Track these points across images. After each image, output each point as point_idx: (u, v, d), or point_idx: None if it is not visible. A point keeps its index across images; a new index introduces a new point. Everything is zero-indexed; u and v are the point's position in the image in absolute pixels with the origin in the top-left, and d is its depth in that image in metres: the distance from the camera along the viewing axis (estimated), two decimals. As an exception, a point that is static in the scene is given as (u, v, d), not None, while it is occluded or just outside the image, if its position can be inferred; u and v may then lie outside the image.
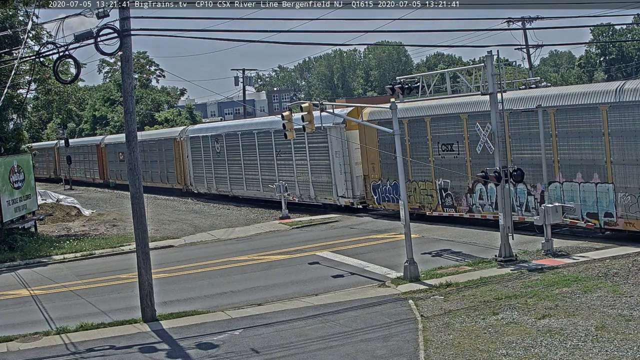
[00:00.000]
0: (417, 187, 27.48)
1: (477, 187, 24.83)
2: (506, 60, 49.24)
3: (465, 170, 24.83)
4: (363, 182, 30.55)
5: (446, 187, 26.14)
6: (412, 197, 27.42)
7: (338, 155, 30.84)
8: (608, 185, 20.75)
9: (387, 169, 28.73)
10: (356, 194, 30.73)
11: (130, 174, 16.94)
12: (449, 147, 25.59)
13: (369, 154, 29.63)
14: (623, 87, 20.20)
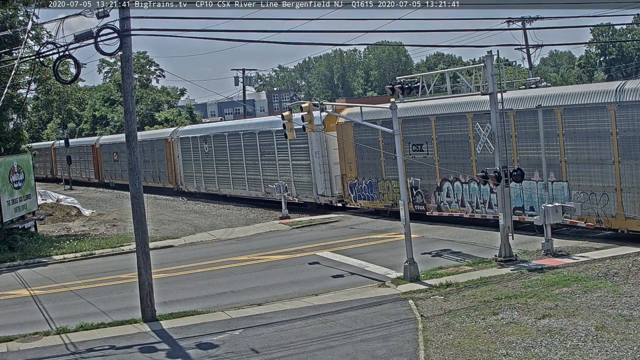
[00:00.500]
0: (390, 185, 28.68)
1: (445, 186, 26.10)
2: (506, 60, 49.23)
3: (432, 169, 26.20)
4: (341, 181, 31.68)
5: (416, 186, 27.35)
6: (386, 195, 28.76)
7: (318, 156, 32.04)
8: (563, 183, 21.94)
9: (362, 168, 29.99)
10: (335, 193, 32.02)
11: (130, 174, 16.94)
12: (419, 148, 26.86)
13: (346, 154, 30.79)
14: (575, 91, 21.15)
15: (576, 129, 21.33)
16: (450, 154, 25.38)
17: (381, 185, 29.02)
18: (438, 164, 25.98)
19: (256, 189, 36.62)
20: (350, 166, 30.78)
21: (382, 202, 29.18)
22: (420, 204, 27.26)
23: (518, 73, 62.89)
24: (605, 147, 20.74)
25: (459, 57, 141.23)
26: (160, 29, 17.25)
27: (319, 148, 31.93)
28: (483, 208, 24.64)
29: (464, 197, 24.99)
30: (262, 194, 36.61)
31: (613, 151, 20.55)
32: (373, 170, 29.47)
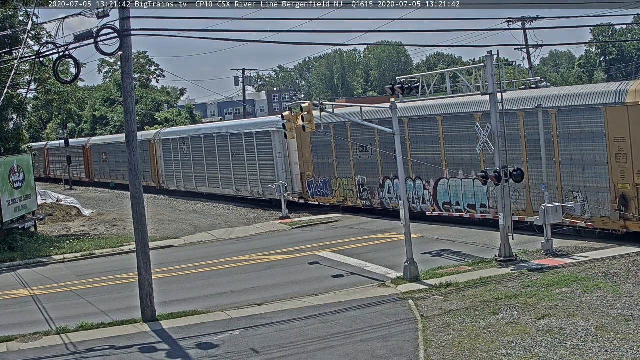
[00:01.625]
0: (341, 183, 31.44)
1: (386, 183, 28.90)
2: (506, 60, 49.22)
3: (381, 168, 29.03)
4: (300, 179, 34.08)
5: (363, 183, 29.99)
6: (338, 192, 31.69)
7: (280, 157, 34.52)
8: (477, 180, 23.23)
9: (318, 168, 32.59)
10: (296, 190, 34.39)
11: (130, 174, 16.95)
12: (365, 149, 29.60)
13: (304, 154, 33.41)
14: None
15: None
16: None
17: (334, 183, 31.74)
18: (380, 164, 28.86)
19: (228, 187, 39.35)
20: (308, 166, 33.27)
21: (335, 198, 31.92)
22: (367, 199, 29.99)
23: (518, 73, 62.89)
24: (516, 148, 23.11)
25: (459, 57, 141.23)
26: (160, 29, 17.26)
27: (282, 149, 34.26)
28: (418, 203, 27.31)
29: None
30: (234, 192, 39.14)
31: (521, 152, 23.11)
32: (327, 169, 32.07)
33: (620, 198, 20.54)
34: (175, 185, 45.31)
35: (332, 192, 31.97)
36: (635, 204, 20.16)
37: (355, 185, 30.34)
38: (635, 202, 20.15)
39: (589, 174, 21.27)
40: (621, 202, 20.56)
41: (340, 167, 31.21)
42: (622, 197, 20.49)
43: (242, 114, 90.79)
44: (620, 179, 20.32)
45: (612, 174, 20.64)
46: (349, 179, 30.80)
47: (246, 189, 37.58)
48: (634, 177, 20.18)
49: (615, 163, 20.57)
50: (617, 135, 20.47)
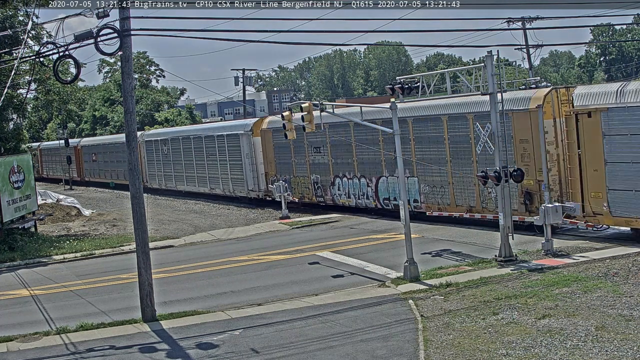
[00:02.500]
0: (299, 181, 34.15)
1: (336, 181, 31.83)
2: (506, 60, 49.21)
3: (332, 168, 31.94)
4: (265, 178, 36.72)
5: (317, 181, 32.71)
6: (297, 189, 34.32)
7: (247, 157, 37.18)
8: (414, 178, 27.27)
9: (280, 167, 35.31)
10: (261, 188, 37.05)
11: (130, 174, 16.95)
12: (318, 150, 32.65)
13: (267, 155, 36.18)
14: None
15: (422, 134, 26.59)
16: (344, 155, 31.21)
17: (293, 181, 34.43)
18: (331, 164, 31.89)
19: (204, 185, 42.16)
20: (271, 165, 35.99)
21: (294, 196, 34.20)
22: (320, 196, 32.93)
23: (518, 73, 62.88)
24: (442, 148, 25.83)
25: (459, 57, 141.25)
26: (160, 29, 17.26)
27: (249, 150, 36.99)
28: (362, 199, 30.43)
29: (349, 190, 31.04)
30: (208, 190, 41.76)
31: (445, 153, 25.75)
32: (287, 169, 34.75)
33: (526, 193, 23.10)
34: (157, 184, 47.85)
35: (292, 190, 34.26)
36: (538, 198, 22.58)
37: (310, 183, 33.17)
38: (537, 197, 22.59)
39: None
40: (526, 197, 23.15)
41: (298, 167, 34.02)
42: (527, 193, 23.07)
43: (242, 114, 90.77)
44: (526, 177, 21.55)
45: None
46: (306, 177, 33.63)
47: (219, 186, 40.32)
48: (536, 174, 22.60)
49: (521, 162, 22.87)
50: (521, 138, 22.99)
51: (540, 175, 22.27)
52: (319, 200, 32.82)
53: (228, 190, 39.45)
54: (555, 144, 22.39)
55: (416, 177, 27.23)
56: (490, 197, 23.76)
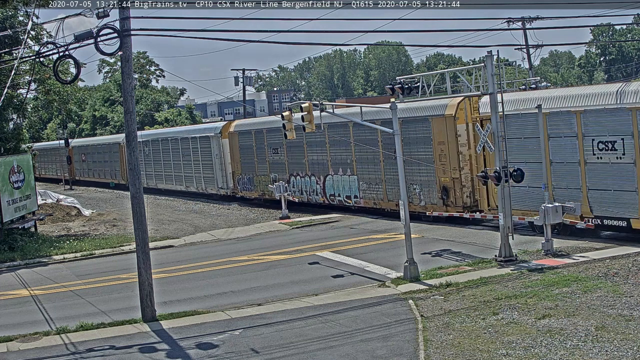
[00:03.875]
0: (260, 180, 36.91)
1: (292, 179, 34.66)
2: (506, 60, 49.18)
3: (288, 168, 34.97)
4: (232, 177, 39.79)
5: (275, 180, 34.65)
6: (259, 187, 37.25)
7: (217, 157, 40.35)
8: (354, 176, 30.59)
9: (245, 166, 38.41)
10: (229, 186, 40.22)
11: (130, 174, 16.95)
12: (276, 151, 35.61)
13: (234, 155, 39.26)
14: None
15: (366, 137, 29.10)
16: (297, 155, 34.16)
17: (256, 180, 37.45)
18: (287, 163, 35.05)
19: (180, 183, 45.52)
20: (237, 165, 39.04)
21: (256, 193, 37.60)
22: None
23: (518, 73, 62.88)
24: (376, 151, 28.79)
25: (459, 57, 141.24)
26: (160, 29, 17.25)
27: (218, 151, 40.21)
28: (313, 195, 33.42)
29: (302, 187, 34.12)
30: (184, 188, 45.01)
31: (379, 154, 28.65)
32: (251, 168, 37.82)
33: (443, 189, 26.19)
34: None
35: (254, 187, 37.64)
36: (453, 193, 25.81)
37: (270, 181, 35.37)
38: (453, 192, 25.83)
39: (423, 171, 26.87)
40: (443, 193, 26.20)
41: (260, 166, 37.12)
42: (444, 188, 26.16)
43: (242, 114, 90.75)
44: (443, 174, 26.00)
45: (437, 170, 26.28)
46: (266, 176, 36.40)
47: (193, 185, 43.84)
48: (451, 173, 25.81)
49: (439, 162, 26.14)
50: (439, 140, 26.04)
51: (455, 173, 25.62)
52: (277, 198, 34.84)
53: (201, 187, 42.80)
54: (468, 145, 25.51)
55: (356, 176, 30.61)
56: (415, 192, 27.36)
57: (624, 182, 20.53)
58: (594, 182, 21.31)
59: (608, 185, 20.98)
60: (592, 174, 21.33)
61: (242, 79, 71.08)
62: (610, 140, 20.78)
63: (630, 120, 20.11)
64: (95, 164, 59.39)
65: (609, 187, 20.97)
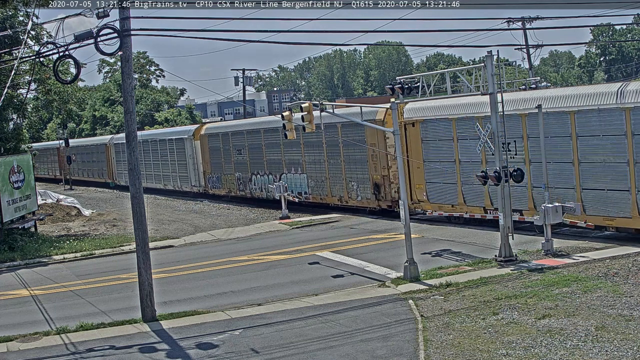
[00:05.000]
0: (227, 178, 40.15)
1: (253, 178, 37.96)
2: (506, 60, 49.19)
3: (250, 167, 38.20)
4: (203, 175, 42.80)
5: (240, 178, 38.72)
6: (226, 185, 40.45)
7: (190, 158, 43.75)
8: (304, 174, 33.77)
9: (214, 166, 41.56)
10: (201, 184, 43.35)
11: (130, 174, 16.94)
12: (240, 152, 38.93)
13: (204, 156, 42.36)
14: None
15: (313, 140, 32.22)
16: (257, 156, 37.37)
17: (223, 178, 40.54)
18: (249, 163, 38.02)
19: (158, 182, 48.71)
20: (207, 165, 42.13)
21: (224, 190, 40.70)
22: (242, 190, 39.08)
23: (518, 73, 62.87)
24: (321, 151, 32.33)
25: (459, 57, 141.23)
26: (160, 29, 17.25)
27: (191, 152, 43.50)
28: (266, 192, 36.59)
29: (261, 184, 37.29)
30: (162, 186, 48.27)
31: (324, 155, 32.17)
32: (219, 167, 40.91)
33: (375, 185, 29.15)
34: (124, 181, 53.25)
35: (222, 185, 40.73)
36: (384, 189, 28.82)
37: (235, 179, 39.26)
38: (383, 188, 28.84)
39: (359, 170, 30.15)
40: (375, 189, 29.21)
41: (226, 166, 40.18)
42: (375, 185, 29.11)
43: (242, 114, 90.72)
44: (375, 173, 29.18)
45: (370, 169, 29.36)
46: (231, 174, 39.74)
47: (170, 183, 47.10)
48: (381, 171, 28.83)
49: (371, 161, 29.27)
50: (372, 142, 29.04)
51: (384, 171, 28.89)
52: (241, 194, 39.11)
53: (177, 185, 46.35)
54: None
55: (305, 174, 33.72)
56: (353, 189, 30.57)
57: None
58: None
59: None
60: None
61: (242, 79, 71.08)
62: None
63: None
64: (85, 164, 62.56)
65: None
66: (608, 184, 21.04)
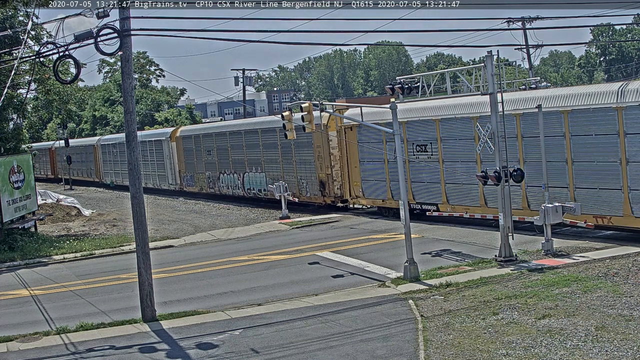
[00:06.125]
0: (199, 177, 43.49)
1: (221, 176, 41.09)
2: (506, 60, 49.21)
3: (218, 167, 41.28)
4: (179, 174, 46.12)
5: (210, 176, 42.00)
6: (198, 183, 43.74)
7: (167, 158, 46.94)
8: (263, 173, 37.00)
9: (188, 166, 44.89)
10: (177, 182, 46.59)
11: (130, 174, 16.94)
12: (209, 153, 41.99)
13: (180, 156, 45.62)
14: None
15: (270, 142, 35.92)
16: (224, 156, 40.74)
17: (196, 177, 43.91)
18: (217, 163, 41.14)
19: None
20: (182, 164, 45.39)
21: (196, 188, 44.01)
22: (212, 187, 42.19)
23: (518, 73, 62.88)
24: (277, 152, 35.62)
25: (459, 57, 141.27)
26: (160, 29, 17.24)
27: (169, 153, 46.63)
28: (235, 189, 39.78)
29: (228, 182, 40.37)
30: (143, 184, 50.70)
31: (279, 155, 35.42)
32: (192, 167, 44.31)
33: (320, 183, 32.43)
34: (109, 180, 57.81)
35: (195, 183, 44.04)
36: (328, 186, 32.11)
37: (206, 177, 42.48)
38: (328, 185, 32.14)
39: (308, 169, 33.33)
40: (321, 186, 32.46)
41: (198, 165, 43.46)
42: (321, 182, 32.41)
43: (242, 114, 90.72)
44: (320, 171, 32.49)
45: (317, 168, 32.67)
46: (203, 173, 42.91)
47: (150, 181, 49.45)
48: (325, 170, 32.18)
49: (317, 161, 32.66)
50: (317, 144, 32.43)
51: (328, 170, 32.14)
52: (211, 191, 42.33)
53: (156, 184, 49.28)
54: (338, 148, 31.93)
55: (264, 173, 36.89)
56: (303, 186, 33.63)
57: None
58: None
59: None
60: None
61: (242, 79, 71.12)
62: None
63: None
64: (75, 164, 65.02)
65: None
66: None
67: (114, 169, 56.93)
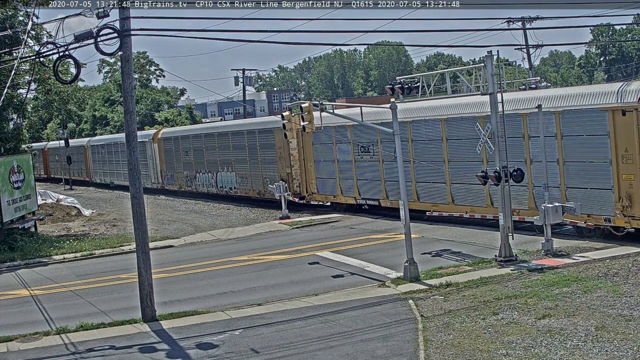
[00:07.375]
0: (178, 176, 46.04)
1: (197, 175, 43.66)
2: (506, 60, 49.20)
3: (194, 166, 43.86)
4: (160, 174, 48.62)
5: (187, 176, 44.80)
6: (177, 182, 46.20)
7: (150, 158, 49.39)
8: (233, 172, 39.35)
9: (168, 165, 47.47)
10: (159, 181, 49.12)
11: (130, 174, 16.94)
12: (187, 153, 44.54)
13: (161, 157, 48.17)
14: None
15: (239, 143, 38.61)
16: (199, 157, 43.10)
17: (175, 176, 46.53)
18: (194, 163, 43.83)
19: (126, 179, 55.17)
20: (164, 164, 48.06)
21: (176, 186, 46.56)
22: (189, 186, 44.65)
23: (518, 73, 62.88)
24: (245, 153, 37.99)
25: (459, 57, 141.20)
26: (160, 29, 17.24)
27: (151, 153, 49.07)
28: (209, 187, 42.19)
29: (203, 181, 42.87)
30: (127, 183, 53.49)
31: (247, 156, 37.73)
32: (172, 167, 46.94)
33: (282, 182, 33.77)
34: (99, 179, 61.00)
35: (175, 182, 46.59)
36: (289, 184, 33.76)
37: (184, 176, 45.19)
38: (288, 183, 33.85)
39: (271, 168, 35.76)
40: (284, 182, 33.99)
41: (177, 165, 46.14)
42: (282, 181, 33.86)
43: (242, 114, 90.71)
44: (282, 170, 34.66)
45: (279, 168, 34.98)
46: (182, 172, 45.63)
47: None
48: (286, 169, 34.52)
49: (279, 161, 34.89)
50: (279, 146, 34.39)
51: (288, 169, 34.41)
52: (188, 189, 44.84)
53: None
54: (297, 149, 34.04)
55: (234, 172, 39.23)
56: (267, 185, 35.33)
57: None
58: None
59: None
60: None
61: (242, 79, 71.11)
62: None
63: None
64: (72, 164, 66.85)
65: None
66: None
67: (103, 168, 60.15)
